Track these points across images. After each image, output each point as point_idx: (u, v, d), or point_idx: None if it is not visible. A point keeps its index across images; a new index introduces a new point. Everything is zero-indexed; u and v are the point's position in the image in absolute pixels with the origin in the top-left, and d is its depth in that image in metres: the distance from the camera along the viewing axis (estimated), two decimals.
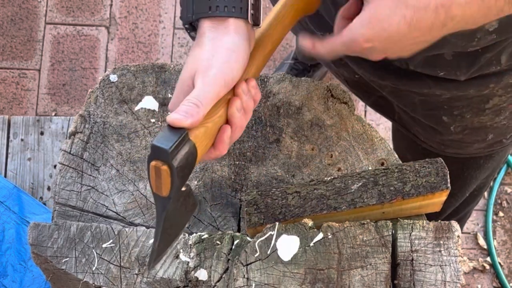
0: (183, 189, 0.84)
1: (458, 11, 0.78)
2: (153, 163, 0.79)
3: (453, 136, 1.18)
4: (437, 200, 1.02)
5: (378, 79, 1.13)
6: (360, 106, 2.29)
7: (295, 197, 1.00)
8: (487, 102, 1.08)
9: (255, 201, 1.01)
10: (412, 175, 0.99)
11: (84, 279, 1.02)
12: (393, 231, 1.00)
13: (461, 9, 0.78)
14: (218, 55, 0.85)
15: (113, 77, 1.15)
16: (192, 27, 0.90)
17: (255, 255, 0.99)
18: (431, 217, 1.08)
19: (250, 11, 0.87)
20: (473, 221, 2.21)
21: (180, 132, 0.80)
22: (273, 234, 1.00)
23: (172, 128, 0.80)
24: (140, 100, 1.14)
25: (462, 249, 1.97)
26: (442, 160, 1.01)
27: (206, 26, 0.87)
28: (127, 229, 1.04)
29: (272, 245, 0.99)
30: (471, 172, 1.37)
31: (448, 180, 0.98)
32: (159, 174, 0.80)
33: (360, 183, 0.99)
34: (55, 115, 2.31)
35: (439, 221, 1.01)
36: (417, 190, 0.98)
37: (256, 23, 0.89)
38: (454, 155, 1.27)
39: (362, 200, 0.99)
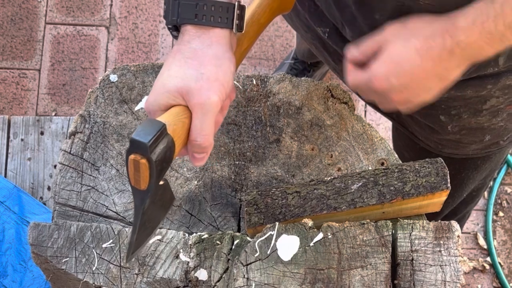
0: (161, 183, 0.83)
1: (462, 36, 0.84)
2: (131, 156, 0.79)
3: (451, 136, 1.18)
4: (437, 200, 1.02)
5: None
6: (360, 106, 2.29)
7: (295, 197, 1.00)
8: (485, 103, 1.08)
9: (255, 201, 1.01)
10: (412, 175, 0.99)
11: (84, 279, 1.02)
12: (393, 231, 1.00)
13: (464, 34, 0.84)
14: (207, 73, 0.85)
15: (113, 77, 1.15)
16: (175, 27, 0.90)
17: (255, 255, 0.99)
18: (430, 217, 1.08)
19: (235, 21, 0.89)
20: (473, 221, 2.21)
21: (159, 126, 0.80)
22: (273, 234, 1.00)
23: (151, 122, 0.80)
24: (140, 100, 1.14)
25: (462, 249, 1.97)
26: (442, 160, 1.01)
27: (190, 33, 0.87)
28: (127, 229, 1.04)
29: (272, 245, 0.99)
30: (468, 173, 1.37)
31: (448, 180, 0.98)
32: (138, 168, 0.80)
33: (360, 183, 0.99)
34: (55, 115, 2.32)
35: (439, 221, 1.01)
36: (417, 190, 0.98)
37: (239, 30, 0.91)
38: (451, 155, 1.27)
39: (362, 200, 0.99)
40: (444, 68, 0.88)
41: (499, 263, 2.16)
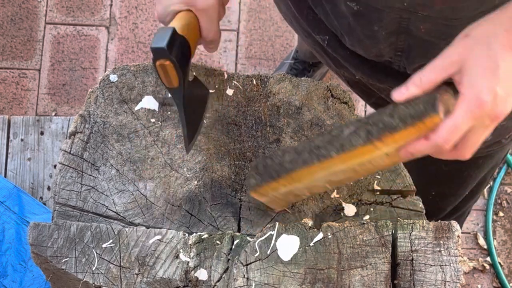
0: (190, 78, 1.01)
1: None
2: (157, 63, 0.94)
3: None
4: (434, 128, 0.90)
5: (377, 82, 1.13)
6: (360, 106, 2.29)
7: (291, 153, 0.96)
8: None
9: (257, 164, 0.99)
10: (403, 107, 0.89)
11: (84, 279, 1.02)
12: (393, 231, 1.00)
13: None
14: None
15: (113, 77, 1.15)
16: None
17: (255, 255, 0.99)
18: (431, 216, 1.08)
19: None
20: (473, 221, 2.21)
21: (170, 31, 0.94)
22: (273, 234, 1.00)
23: (162, 29, 0.94)
24: (140, 100, 1.14)
25: (462, 249, 1.97)
26: (437, 95, 0.90)
27: None
28: (127, 229, 1.04)
29: (272, 245, 0.99)
30: (470, 172, 1.37)
31: (437, 104, 0.86)
32: (165, 70, 0.95)
33: (354, 128, 0.92)
34: (55, 115, 2.32)
35: (439, 221, 1.01)
36: (404, 122, 0.88)
37: None
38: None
39: (350, 143, 0.91)
40: None
41: (499, 263, 2.16)
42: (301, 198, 1.05)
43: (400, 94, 0.87)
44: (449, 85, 0.86)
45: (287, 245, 0.99)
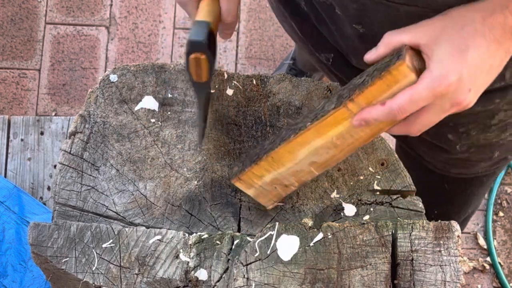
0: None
1: None
2: (192, 56, 0.94)
3: (459, 155, 1.16)
4: (404, 81, 0.86)
5: None
6: None
7: (272, 137, 0.97)
8: (493, 117, 1.06)
9: (241, 156, 1.02)
10: (371, 66, 0.88)
11: (84, 279, 1.02)
12: (393, 231, 1.00)
13: None
14: None
15: (113, 77, 1.15)
16: None
17: (255, 255, 0.99)
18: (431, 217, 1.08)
19: None
20: (473, 221, 2.21)
21: (206, 25, 0.94)
22: (273, 234, 1.00)
23: (198, 23, 0.94)
24: (140, 100, 1.14)
25: (462, 249, 1.97)
26: (405, 48, 0.87)
27: None
28: (127, 229, 1.04)
29: (272, 245, 0.99)
30: (473, 190, 1.34)
31: (403, 53, 0.84)
32: (199, 64, 0.95)
33: (328, 99, 0.91)
34: (55, 115, 2.32)
35: (439, 221, 1.01)
36: (371, 76, 0.86)
37: None
38: (459, 175, 1.24)
39: (323, 110, 0.90)
40: (505, 51, 0.81)
41: (499, 263, 2.16)
42: (291, 190, 1.02)
43: (370, 54, 0.87)
44: (419, 56, 0.86)
45: (287, 245, 0.99)
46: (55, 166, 1.64)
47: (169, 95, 1.14)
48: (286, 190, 1.02)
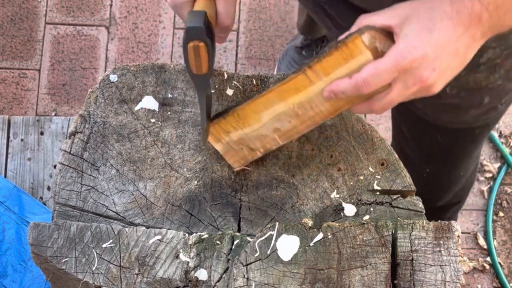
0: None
1: None
2: (190, 44, 0.90)
3: (449, 99, 1.17)
4: (360, 56, 0.89)
5: None
6: None
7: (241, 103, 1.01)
8: (481, 55, 1.07)
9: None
10: (337, 40, 0.91)
11: (84, 279, 1.02)
12: (393, 231, 1.00)
13: None
14: None
15: (113, 77, 1.15)
16: None
17: (255, 255, 0.99)
18: (431, 216, 1.08)
19: None
20: (473, 221, 2.21)
21: (203, 14, 0.90)
22: (273, 234, 1.00)
23: (194, 13, 0.91)
24: (140, 100, 1.14)
25: (462, 249, 1.97)
26: (368, 26, 0.90)
27: None
28: (127, 229, 1.04)
29: (272, 245, 0.99)
30: (466, 145, 1.35)
31: (362, 29, 0.87)
32: (198, 53, 0.91)
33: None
34: (55, 115, 2.32)
35: (439, 221, 1.01)
36: (330, 47, 0.90)
37: None
38: (450, 124, 1.25)
39: (286, 76, 0.93)
40: (472, 37, 0.84)
41: (499, 263, 2.16)
42: (257, 155, 1.06)
43: (343, 36, 0.90)
44: (391, 40, 0.88)
45: (287, 245, 0.99)
46: (55, 166, 1.64)
47: (169, 95, 1.14)
48: (252, 155, 1.05)
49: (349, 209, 1.07)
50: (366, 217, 1.06)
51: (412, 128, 1.35)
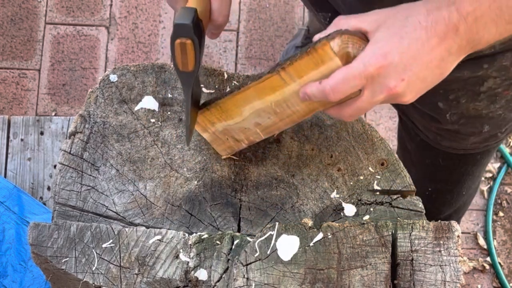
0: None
1: (470, 7, 0.79)
2: (177, 41, 0.90)
3: (449, 125, 1.17)
4: (331, 63, 0.89)
5: None
6: None
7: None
8: (482, 84, 1.07)
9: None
10: (310, 44, 0.91)
11: (84, 279, 1.03)
12: (393, 231, 1.00)
13: (472, 5, 0.78)
14: None
15: (113, 77, 1.15)
16: None
17: (255, 255, 0.99)
18: (431, 217, 1.08)
19: None
20: (473, 221, 2.21)
21: (193, 11, 0.91)
22: (273, 234, 1.00)
23: (184, 9, 0.91)
24: (140, 100, 1.14)
25: (462, 249, 1.97)
26: (341, 31, 0.90)
27: None
28: (127, 229, 1.04)
29: (272, 245, 0.99)
30: (467, 168, 1.35)
31: (332, 35, 0.86)
32: (184, 50, 0.91)
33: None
34: (55, 115, 2.32)
35: (439, 221, 1.01)
36: (301, 51, 0.90)
37: None
38: (450, 150, 1.26)
39: (262, 74, 0.94)
40: (447, 49, 0.82)
41: (499, 263, 2.16)
42: (242, 146, 1.07)
43: (318, 35, 0.89)
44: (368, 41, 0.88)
45: (287, 245, 0.99)
46: (55, 166, 1.64)
47: (169, 95, 1.14)
48: (237, 145, 1.07)
49: (349, 209, 1.07)
50: (366, 217, 1.06)
51: (416, 148, 1.35)
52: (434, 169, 1.38)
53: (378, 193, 1.08)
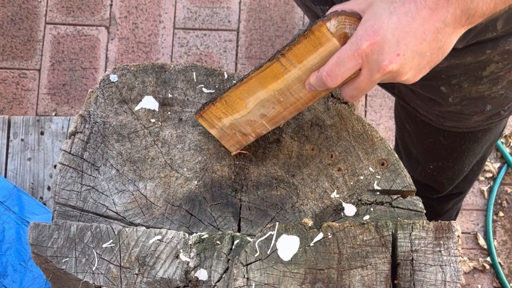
0: None
1: None
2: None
3: (452, 107, 1.17)
4: (328, 44, 0.90)
5: None
6: (360, 106, 2.29)
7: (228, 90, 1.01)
8: (484, 69, 1.06)
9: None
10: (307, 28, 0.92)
11: (84, 279, 1.03)
12: (393, 231, 1.00)
13: None
14: None
15: (113, 77, 1.15)
16: None
17: (255, 255, 0.99)
18: (431, 216, 1.08)
19: None
20: (473, 221, 2.21)
21: None
22: (273, 234, 1.00)
23: None
24: (140, 100, 1.14)
25: (462, 249, 1.97)
26: (338, 12, 0.91)
27: None
28: (127, 229, 1.04)
29: (272, 245, 0.99)
30: (468, 145, 1.35)
31: (329, 15, 0.87)
32: None
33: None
34: (55, 115, 2.32)
35: (439, 221, 1.01)
36: (298, 33, 0.90)
37: None
38: (453, 129, 1.26)
39: (262, 63, 0.95)
40: (441, 20, 0.80)
41: (499, 263, 2.16)
42: (250, 140, 1.07)
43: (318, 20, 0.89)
44: None
45: (287, 245, 0.99)
46: (55, 166, 1.64)
47: (169, 95, 1.14)
48: (245, 139, 1.07)
49: (349, 209, 1.07)
50: (366, 217, 1.06)
51: (416, 128, 1.36)
52: (435, 147, 1.37)
53: (378, 193, 1.08)
